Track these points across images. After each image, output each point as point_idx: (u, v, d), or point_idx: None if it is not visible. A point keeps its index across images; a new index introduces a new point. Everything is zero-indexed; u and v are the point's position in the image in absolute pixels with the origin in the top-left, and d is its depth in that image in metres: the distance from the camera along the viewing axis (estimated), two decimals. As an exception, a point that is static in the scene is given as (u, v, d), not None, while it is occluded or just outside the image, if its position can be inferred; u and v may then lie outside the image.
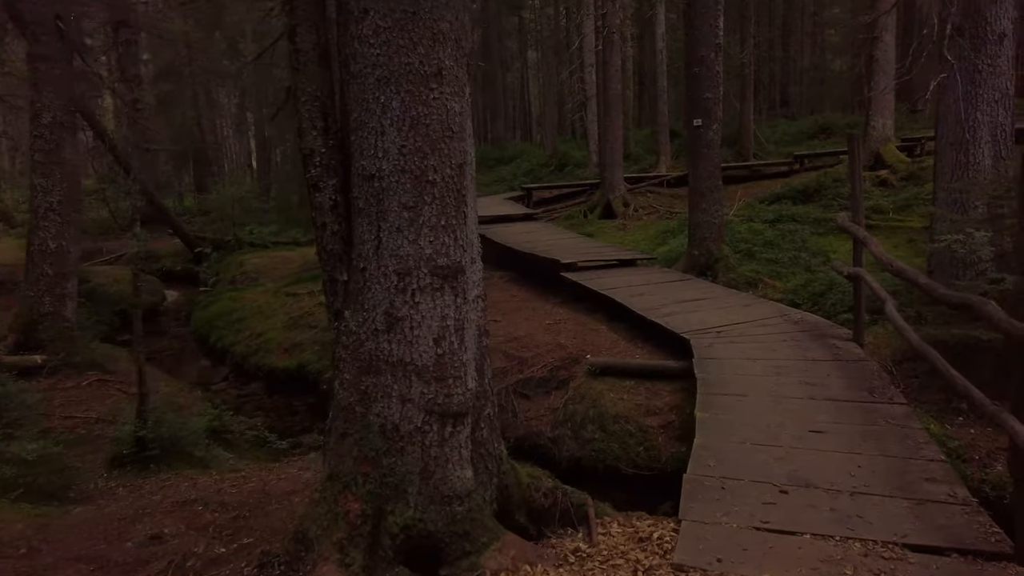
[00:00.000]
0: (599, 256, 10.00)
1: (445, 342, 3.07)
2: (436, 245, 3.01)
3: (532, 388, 7.20)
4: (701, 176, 9.23)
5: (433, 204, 2.98)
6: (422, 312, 3.02)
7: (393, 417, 3.09)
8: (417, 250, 2.99)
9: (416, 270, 3.00)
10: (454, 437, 3.12)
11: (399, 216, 2.97)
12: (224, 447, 6.05)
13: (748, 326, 6.77)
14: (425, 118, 2.93)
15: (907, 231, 10.40)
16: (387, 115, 2.92)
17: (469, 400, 3.16)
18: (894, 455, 4.01)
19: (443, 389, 3.07)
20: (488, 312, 9.55)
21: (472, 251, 3.24)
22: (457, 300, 3.09)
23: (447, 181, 3.01)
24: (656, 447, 5.99)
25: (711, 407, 4.87)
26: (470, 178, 3.18)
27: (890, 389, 5.03)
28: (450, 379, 3.08)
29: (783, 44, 24.45)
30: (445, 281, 3.04)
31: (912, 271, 4.23)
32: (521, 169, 21.74)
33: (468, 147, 3.13)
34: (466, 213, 3.10)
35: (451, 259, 3.04)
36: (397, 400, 3.08)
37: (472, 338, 3.24)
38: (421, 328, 3.03)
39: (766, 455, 4.09)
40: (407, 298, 3.02)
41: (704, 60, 9.02)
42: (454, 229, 3.05)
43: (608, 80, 14.82)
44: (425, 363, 3.05)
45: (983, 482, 4.82)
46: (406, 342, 3.04)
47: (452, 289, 3.06)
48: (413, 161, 2.94)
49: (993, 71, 6.13)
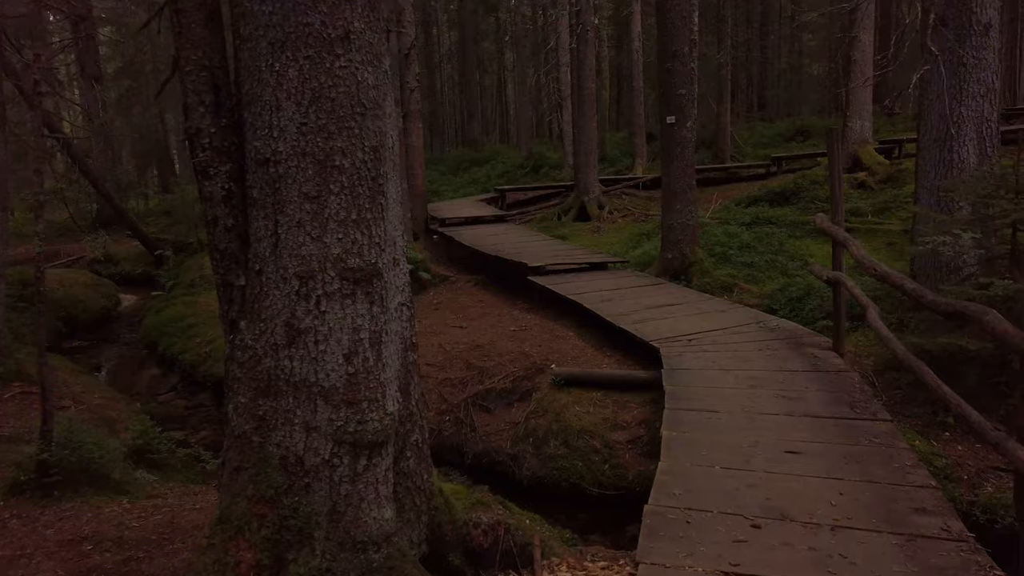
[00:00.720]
0: (569, 259, 9.56)
1: (358, 358, 2.58)
2: (345, 243, 2.52)
3: (493, 400, 6.72)
4: (674, 176, 8.83)
5: (341, 194, 2.50)
6: (329, 323, 2.53)
7: (296, 448, 2.59)
8: (322, 249, 2.50)
9: (321, 273, 2.51)
10: (370, 471, 2.63)
11: (300, 208, 2.48)
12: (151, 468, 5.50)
13: (722, 333, 6.35)
14: (329, 91, 2.44)
15: (886, 234, 10.10)
16: (283, 86, 2.43)
17: (389, 426, 2.68)
18: (879, 480, 3.59)
19: (355, 414, 2.58)
20: (452, 317, 9.02)
21: (394, 251, 2.75)
22: (373, 308, 2.60)
23: (359, 167, 2.52)
24: (623, 465, 5.55)
25: (679, 425, 4.43)
26: (390, 164, 2.70)
27: (873, 403, 4.62)
28: (364, 402, 2.59)
29: (760, 46, 24.28)
30: (357, 286, 2.55)
31: (897, 275, 3.82)
32: (496, 171, 21.30)
33: (387, 127, 2.65)
34: (384, 205, 2.62)
35: (364, 260, 2.56)
36: (300, 428, 2.59)
37: (394, 353, 2.76)
38: (328, 342, 2.54)
39: (738, 481, 3.65)
40: (311, 306, 2.52)
41: (678, 55, 8.62)
42: (368, 224, 2.56)
43: (582, 79, 14.41)
44: (334, 383, 2.56)
45: (973, 505, 4.45)
46: (310, 359, 2.55)
47: (366, 295, 2.58)
48: (316, 142, 2.45)
49: (978, 64, 5.79)
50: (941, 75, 5.74)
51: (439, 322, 8.83)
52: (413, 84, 14.21)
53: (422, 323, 9.11)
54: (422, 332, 8.60)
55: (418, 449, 2.93)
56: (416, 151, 14.61)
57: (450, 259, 12.55)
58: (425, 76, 31.78)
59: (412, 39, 13.97)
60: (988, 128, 5.82)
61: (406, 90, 14.24)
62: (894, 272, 3.99)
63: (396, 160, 2.75)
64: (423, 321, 9.14)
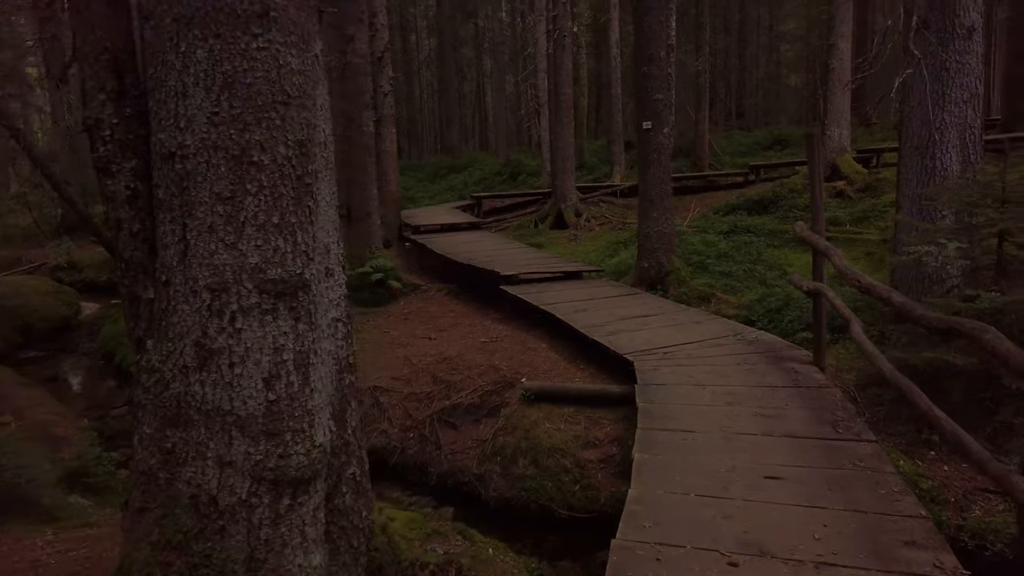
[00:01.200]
0: (543, 268, 9.27)
1: (280, 383, 2.25)
2: (265, 251, 2.19)
3: (460, 416, 6.39)
4: (651, 183, 8.58)
5: (260, 195, 2.17)
6: (246, 342, 2.20)
7: (208, 486, 2.25)
8: (238, 258, 2.17)
9: (236, 285, 2.18)
10: (294, 511, 2.30)
11: (211, 211, 2.15)
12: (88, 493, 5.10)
13: (698, 346, 6.09)
14: (245, 75, 2.12)
15: (865, 244, 9.95)
16: (190, 70, 2.10)
17: (318, 460, 2.35)
18: (865, 509, 3.32)
19: (277, 447, 2.25)
20: (421, 328, 8.68)
21: (326, 259, 2.43)
22: (299, 326, 2.27)
23: (281, 164, 2.20)
24: (594, 486, 5.25)
25: (651, 446, 4.13)
26: (322, 162, 2.38)
27: (856, 422, 4.37)
28: (287, 433, 2.26)
29: (739, 55, 24.31)
30: (279, 300, 2.22)
31: (883, 288, 3.57)
32: (473, 178, 21.02)
33: (317, 120, 2.33)
34: (313, 208, 2.30)
35: (288, 270, 2.23)
36: (214, 463, 2.25)
37: (325, 376, 2.43)
38: (245, 364, 2.21)
39: (714, 511, 3.36)
40: (224, 323, 2.19)
41: (654, 59, 8.40)
42: (292, 229, 2.24)
43: (559, 84, 14.19)
44: (252, 412, 2.23)
45: (961, 530, 4.20)
46: (224, 383, 2.21)
47: (291, 311, 2.25)
48: (229, 135, 2.13)
49: (961, 68, 5.60)
50: (924, 79, 5.55)
51: (407, 333, 8.49)
52: (387, 88, 13.89)
53: (390, 334, 8.79)
54: (389, 343, 8.29)
55: (355, 483, 2.60)
56: (389, 156, 14.28)
57: (423, 267, 12.21)
58: (404, 83, 31.48)
59: (386, 42, 13.67)
60: (972, 135, 5.63)
61: (379, 94, 13.92)
62: (879, 284, 3.75)
63: (329, 158, 2.43)
64: (391, 332, 8.80)
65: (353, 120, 9.80)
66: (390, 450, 6.28)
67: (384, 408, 6.64)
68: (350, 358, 2.57)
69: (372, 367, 7.39)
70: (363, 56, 9.97)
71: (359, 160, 9.82)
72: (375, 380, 7.02)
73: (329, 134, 2.43)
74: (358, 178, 9.91)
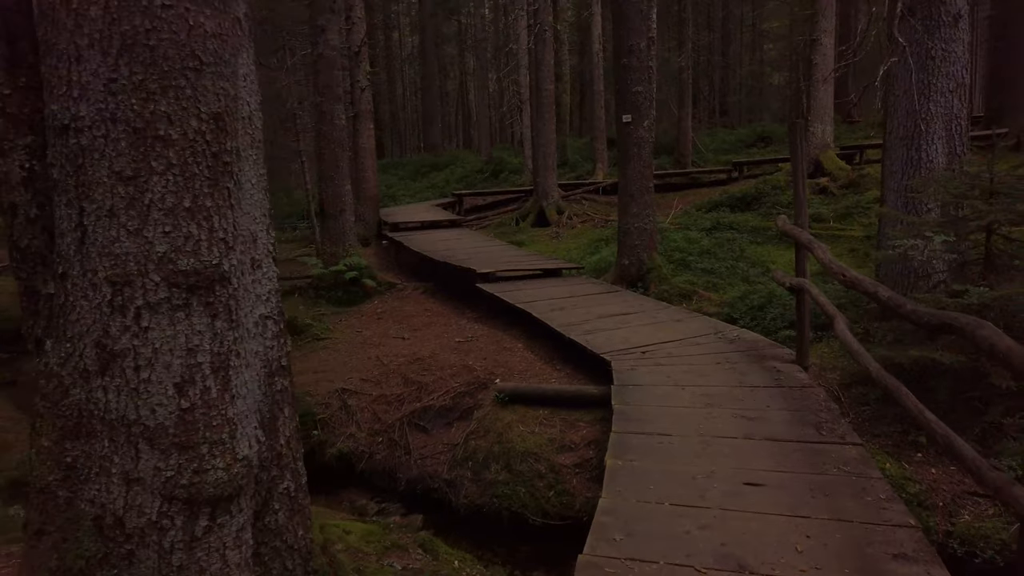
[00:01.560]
0: (521, 265, 9.03)
1: (194, 388, 1.98)
2: (175, 239, 1.93)
3: (431, 419, 6.13)
4: (631, 178, 8.36)
5: (169, 174, 1.91)
6: (154, 343, 1.93)
7: (114, 506, 1.98)
8: (143, 246, 1.90)
9: (142, 277, 1.91)
10: (213, 533, 2.03)
11: (112, 192, 1.88)
12: (31, 503, 4.77)
13: (678, 345, 5.86)
14: (148, 37, 1.85)
15: (848, 240, 9.79)
16: (83, 30, 1.83)
17: (241, 475, 2.08)
18: (851, 518, 3.10)
19: (191, 461, 1.98)
20: (395, 327, 8.40)
21: (252, 249, 2.16)
22: (216, 323, 2.01)
23: (193, 139, 1.94)
24: (569, 491, 5.02)
25: (626, 452, 3.89)
26: (247, 139, 2.12)
27: (840, 424, 4.15)
28: (204, 445, 1.99)
29: (722, 52, 24.20)
30: (192, 294, 1.96)
31: (870, 283, 3.35)
32: (455, 176, 20.74)
33: (239, 91, 2.06)
34: (233, 191, 2.03)
35: (202, 260, 1.97)
36: (119, 479, 1.98)
37: (251, 380, 2.16)
38: (153, 368, 1.94)
39: (690, 522, 3.12)
40: (128, 321, 1.92)
41: (634, 50, 8.18)
42: (208, 214, 1.97)
43: (540, 80, 13.95)
44: (161, 422, 1.96)
45: (949, 535, 4.00)
46: (129, 390, 1.94)
47: (206, 307, 1.98)
48: (130, 105, 1.86)
49: (947, 57, 5.42)
50: (909, 68, 5.36)
51: (380, 333, 8.21)
52: (364, 83, 13.59)
53: (362, 333, 8.50)
54: (361, 343, 8.01)
55: (290, 499, 2.34)
56: (367, 153, 13.97)
57: (400, 265, 11.93)
58: (386, 80, 31.11)
59: (363, 36, 13.37)
60: (958, 125, 5.46)
61: (356, 89, 13.61)
62: (865, 279, 3.53)
63: (256, 135, 2.17)
64: (363, 331, 8.52)
65: (325, 114, 9.51)
66: (358, 455, 6.01)
67: (352, 411, 6.37)
68: (283, 360, 2.31)
69: (342, 368, 7.11)
70: (335, 48, 9.68)
71: (331, 155, 9.53)
72: (344, 382, 6.75)
73: (255, 109, 2.16)
74: (330, 173, 9.61)
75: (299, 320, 8.16)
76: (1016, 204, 4.38)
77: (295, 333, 8.04)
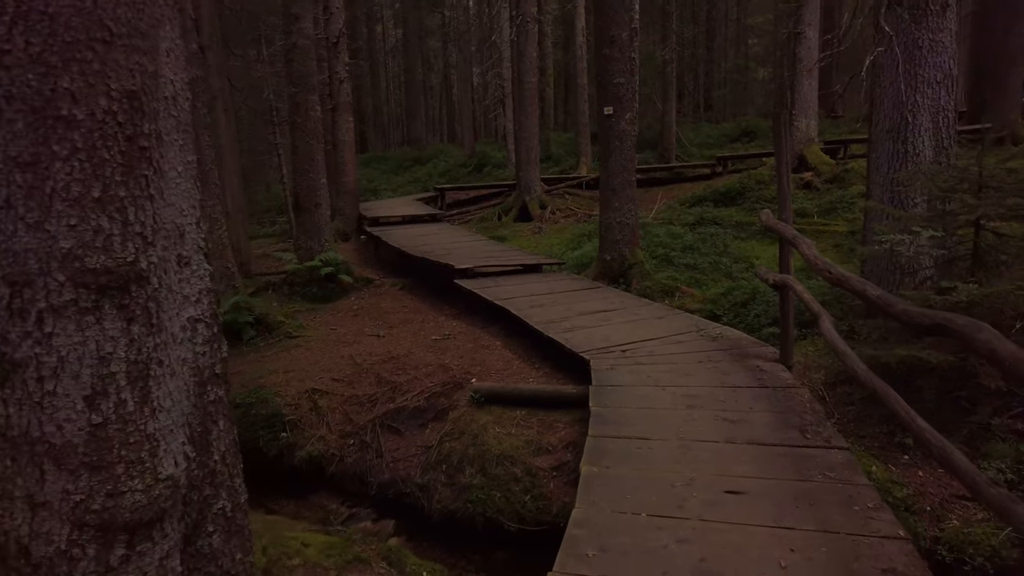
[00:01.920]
0: (501, 261, 8.82)
1: (108, 402, 1.76)
2: (83, 233, 1.70)
3: (404, 420, 5.91)
4: (613, 171, 8.17)
5: (74, 160, 1.68)
6: (59, 351, 1.71)
7: (18, 533, 1.76)
8: (44, 241, 1.68)
9: (44, 277, 1.69)
10: (132, 563, 1.81)
11: (7, 180, 1.65)
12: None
13: (659, 343, 5.69)
14: (47, 3, 1.62)
15: (832, 235, 9.69)
16: (-32, -7, 1.60)
17: (164, 496, 1.86)
18: (837, 529, 2.93)
19: (105, 483, 1.76)
20: (370, 324, 8.16)
21: (178, 245, 1.94)
22: (133, 328, 1.78)
23: (103, 121, 1.71)
24: (546, 495, 4.82)
25: (602, 457, 3.71)
26: (171, 122, 1.89)
27: (825, 427, 3.99)
28: (119, 465, 1.77)
29: (707, 47, 24.08)
30: (103, 296, 1.73)
31: (857, 280, 3.18)
32: (438, 170, 20.47)
33: (163, 68, 1.83)
34: (152, 179, 1.80)
35: (115, 257, 1.74)
36: (23, 504, 1.75)
37: (178, 391, 1.94)
38: (59, 379, 1.72)
39: (667, 535, 2.94)
40: (29, 327, 1.69)
41: (616, 40, 7.98)
42: (122, 205, 1.75)
43: (522, 72, 13.72)
44: (69, 440, 1.74)
45: (938, 542, 3.85)
46: (32, 403, 1.72)
47: (120, 310, 1.76)
48: (26, 80, 1.63)
49: (934, 47, 5.27)
50: (896, 58, 5.20)
51: (355, 330, 7.97)
52: (343, 74, 13.30)
53: (336, 331, 8.25)
54: (335, 341, 7.76)
55: (226, 520, 2.12)
56: (346, 146, 13.69)
57: (379, 261, 11.68)
58: (369, 74, 30.69)
59: (341, 26, 13.06)
60: (945, 118, 5.31)
61: (335, 81, 13.31)
62: (852, 276, 3.36)
63: (183, 118, 1.94)
64: (337, 329, 8.27)
65: (299, 105, 9.23)
66: (328, 458, 5.79)
67: (323, 412, 6.13)
68: (216, 367, 2.09)
69: (313, 367, 6.87)
70: (310, 37, 9.39)
71: (306, 147, 9.25)
72: (315, 382, 6.51)
73: (181, 88, 1.93)
74: (305, 166, 9.34)
75: (271, 317, 7.90)
76: (1006, 198, 4.23)
77: (266, 331, 7.79)
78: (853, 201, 10.51)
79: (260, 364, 7.09)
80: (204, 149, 7.93)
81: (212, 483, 2.07)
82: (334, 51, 13.08)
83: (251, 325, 7.60)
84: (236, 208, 10.30)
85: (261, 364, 7.08)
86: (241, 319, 7.54)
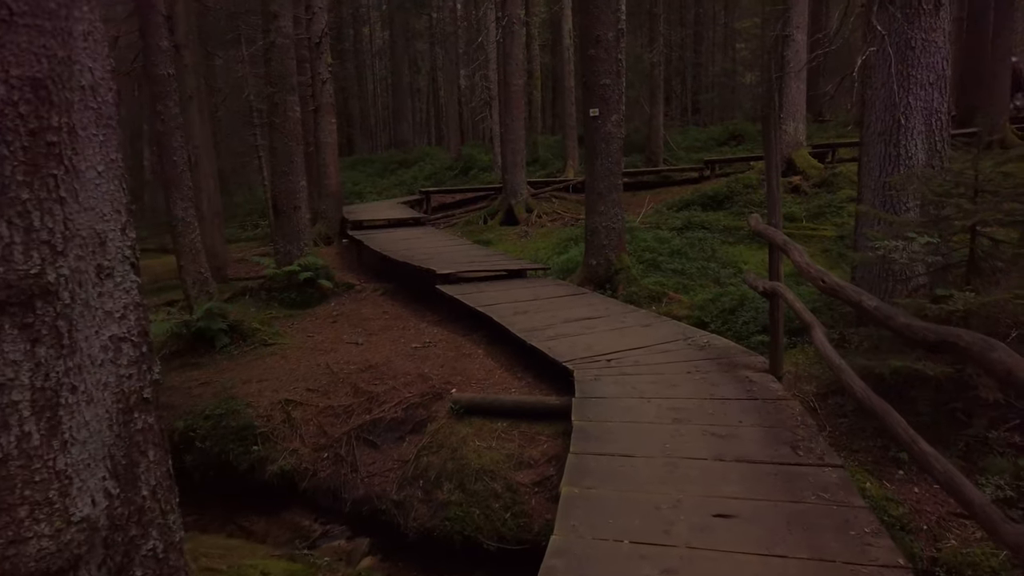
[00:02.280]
0: (484, 266, 8.61)
1: (9, 435, 1.53)
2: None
3: (381, 433, 5.68)
4: (599, 175, 7.98)
5: (-35, 157, 1.45)
6: (-51, 377, 1.48)
7: (-98, 587, 1.53)
8: (-70, 251, 1.45)
9: (-71, 292, 1.46)
10: (38, 619, 1.58)
11: None
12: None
13: (645, 352, 5.49)
14: (-72, -26, 1.40)
15: (821, 240, 9.56)
16: None
17: (80, 540, 1.63)
18: (833, 558, 2.74)
19: (5, 529, 1.53)
20: (349, 331, 7.91)
21: (99, 255, 1.71)
22: (39, 351, 1.56)
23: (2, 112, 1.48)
24: (527, 513, 4.62)
25: (584, 477, 3.50)
26: (88, 115, 1.66)
27: (818, 442, 3.81)
28: (22, 507, 1.54)
29: (695, 50, 24.02)
30: (2, 314, 1.50)
31: (852, 290, 3.00)
32: (424, 173, 20.25)
33: (77, 54, 1.61)
34: (64, 179, 1.58)
35: (16, 269, 1.51)
36: (-91, 553, 1.52)
37: (96, 420, 1.71)
38: (-50, 409, 1.49)
39: (652, 565, 2.73)
40: (-87, 349, 1.47)
41: (601, 41, 7.80)
42: (25, 210, 1.52)
43: (508, 74, 13.53)
44: (-38, 479, 1.51)
45: (935, 563, 3.67)
46: (-82, 438, 1.49)
47: (23, 329, 1.53)
48: (-95, 64, 1.40)
49: (927, 48, 5.12)
50: (888, 58, 5.05)
51: (333, 337, 7.72)
52: (325, 75, 13.05)
53: (314, 338, 8.00)
54: (311, 349, 7.50)
55: (157, 562, 1.89)
56: (329, 148, 13.43)
57: (362, 265, 11.43)
58: (355, 76, 30.41)
59: (323, 26, 12.82)
60: (938, 120, 5.16)
61: (318, 81, 13.05)
62: (847, 285, 3.18)
63: (103, 111, 1.72)
64: (315, 336, 8.02)
65: (278, 105, 8.99)
66: (301, 472, 5.55)
67: (296, 424, 5.89)
68: (145, 391, 1.86)
69: (288, 377, 6.63)
70: (289, 36, 9.16)
71: (284, 148, 9.00)
72: (289, 392, 6.26)
73: (102, 78, 1.71)
74: (283, 168, 9.09)
75: (245, 324, 7.64)
76: (1003, 203, 4.07)
77: (241, 338, 7.53)
78: (841, 205, 10.39)
79: (233, 373, 6.83)
80: (177, 150, 7.68)
81: (140, 522, 1.84)
82: (316, 51, 12.83)
83: (224, 332, 7.34)
84: (212, 211, 10.02)
85: (234, 373, 6.82)
86: (214, 326, 7.28)
